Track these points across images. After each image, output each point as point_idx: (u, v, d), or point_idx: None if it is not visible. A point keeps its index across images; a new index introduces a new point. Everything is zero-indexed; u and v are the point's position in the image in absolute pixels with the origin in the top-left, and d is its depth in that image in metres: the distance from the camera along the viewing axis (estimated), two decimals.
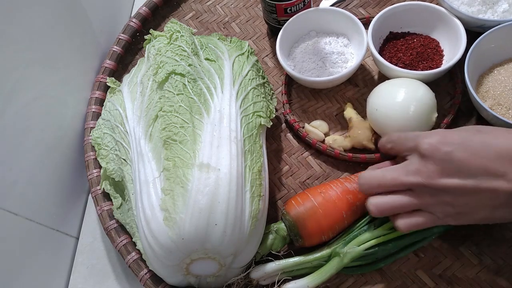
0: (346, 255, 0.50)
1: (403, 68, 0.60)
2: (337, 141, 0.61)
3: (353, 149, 0.61)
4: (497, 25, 0.58)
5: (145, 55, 0.62)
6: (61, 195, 0.62)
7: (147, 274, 0.54)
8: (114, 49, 0.74)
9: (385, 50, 0.64)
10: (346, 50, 0.66)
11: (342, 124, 0.63)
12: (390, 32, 0.66)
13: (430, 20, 0.63)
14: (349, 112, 0.62)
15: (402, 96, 0.56)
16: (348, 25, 0.65)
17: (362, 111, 0.63)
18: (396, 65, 0.61)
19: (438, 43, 0.63)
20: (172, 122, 0.51)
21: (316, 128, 0.62)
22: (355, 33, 0.65)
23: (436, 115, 0.56)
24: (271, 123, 0.58)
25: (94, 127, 0.65)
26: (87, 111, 0.68)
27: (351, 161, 0.60)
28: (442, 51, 0.63)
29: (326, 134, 0.63)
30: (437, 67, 0.60)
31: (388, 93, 0.57)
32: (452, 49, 0.61)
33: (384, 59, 0.60)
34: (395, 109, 0.56)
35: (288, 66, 0.63)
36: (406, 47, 0.63)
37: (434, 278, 0.53)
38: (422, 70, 0.61)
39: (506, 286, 0.51)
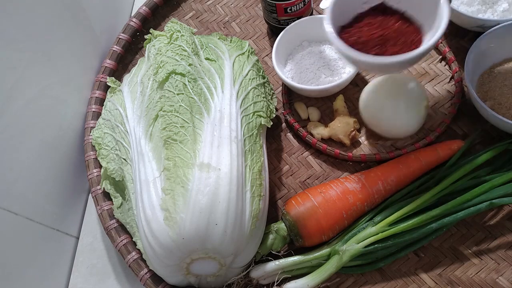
0: (345, 253, 0.51)
1: (368, 52, 0.49)
2: (318, 128, 0.62)
3: (330, 141, 0.62)
4: (497, 25, 0.58)
5: (145, 55, 0.62)
6: (61, 195, 0.62)
7: (147, 274, 0.54)
8: (114, 48, 0.74)
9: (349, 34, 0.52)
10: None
11: None
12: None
13: None
14: (337, 104, 0.63)
15: (391, 93, 0.56)
16: None
17: (357, 109, 0.63)
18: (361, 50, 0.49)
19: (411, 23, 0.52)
20: (173, 121, 0.51)
21: (304, 111, 0.64)
22: None
23: (425, 103, 0.57)
24: (271, 123, 0.58)
25: (94, 127, 0.65)
26: (87, 110, 0.68)
27: (351, 161, 0.60)
28: (418, 30, 0.52)
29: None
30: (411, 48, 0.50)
31: (376, 91, 0.58)
32: (431, 24, 0.51)
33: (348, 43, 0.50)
34: (385, 106, 0.56)
35: (287, 78, 0.63)
36: (368, 28, 0.52)
37: (434, 277, 0.53)
38: (392, 54, 0.49)
39: (506, 286, 0.51)
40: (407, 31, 0.51)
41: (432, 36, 0.48)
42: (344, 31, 0.53)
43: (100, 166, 0.62)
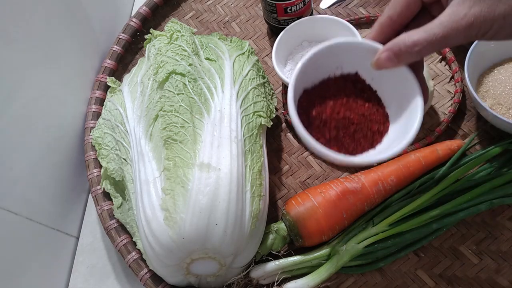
0: (345, 253, 0.51)
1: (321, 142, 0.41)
2: None
3: None
4: None
5: (146, 55, 0.62)
6: (61, 195, 0.62)
7: (147, 274, 0.54)
8: (114, 48, 0.74)
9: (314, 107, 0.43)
10: None
11: None
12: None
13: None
14: None
15: None
16: (341, 32, 0.63)
17: None
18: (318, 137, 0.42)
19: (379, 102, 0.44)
20: (173, 121, 0.51)
21: None
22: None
23: (431, 81, 0.59)
24: (271, 123, 0.58)
25: (94, 127, 0.65)
26: (87, 110, 0.68)
27: None
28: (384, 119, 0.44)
29: None
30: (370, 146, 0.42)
31: None
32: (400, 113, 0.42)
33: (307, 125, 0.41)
34: None
35: (287, 78, 0.62)
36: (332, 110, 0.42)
37: (434, 277, 0.53)
38: (350, 144, 0.42)
39: (506, 286, 0.51)
40: (374, 118, 0.43)
41: (392, 144, 0.40)
42: (306, 96, 0.43)
43: (100, 166, 0.62)
